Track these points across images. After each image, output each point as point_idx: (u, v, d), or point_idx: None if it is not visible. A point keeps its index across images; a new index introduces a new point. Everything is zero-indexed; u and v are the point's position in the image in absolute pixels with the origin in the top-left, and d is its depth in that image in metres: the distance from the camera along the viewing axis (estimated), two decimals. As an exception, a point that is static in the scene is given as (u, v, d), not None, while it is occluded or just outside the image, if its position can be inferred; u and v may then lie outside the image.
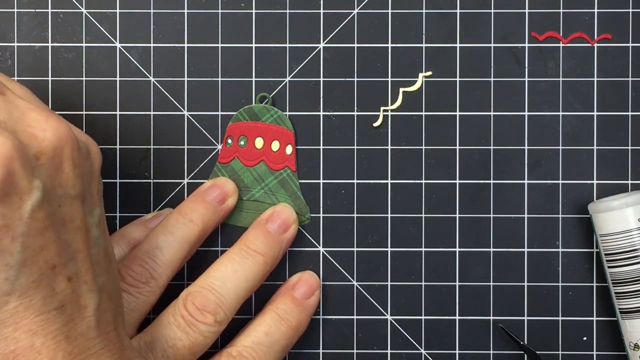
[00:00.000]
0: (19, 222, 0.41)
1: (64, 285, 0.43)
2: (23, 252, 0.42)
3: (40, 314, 0.42)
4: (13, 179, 0.41)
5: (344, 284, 0.58)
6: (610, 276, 0.56)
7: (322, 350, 0.58)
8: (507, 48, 0.58)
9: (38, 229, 0.42)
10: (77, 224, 0.44)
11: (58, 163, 0.44)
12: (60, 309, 0.43)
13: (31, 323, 0.42)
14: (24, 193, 0.42)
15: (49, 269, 0.43)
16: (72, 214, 0.44)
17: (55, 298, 0.43)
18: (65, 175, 0.44)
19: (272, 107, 0.58)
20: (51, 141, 0.43)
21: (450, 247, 0.58)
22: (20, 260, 0.42)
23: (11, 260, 0.41)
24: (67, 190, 0.44)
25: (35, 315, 0.42)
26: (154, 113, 0.58)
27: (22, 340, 0.42)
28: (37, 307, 0.42)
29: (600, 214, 0.55)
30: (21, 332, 0.42)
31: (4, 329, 0.42)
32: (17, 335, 0.42)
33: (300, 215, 0.58)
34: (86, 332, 0.44)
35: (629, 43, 0.58)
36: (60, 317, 0.43)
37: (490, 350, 0.58)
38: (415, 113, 0.58)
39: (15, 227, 0.41)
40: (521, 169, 0.58)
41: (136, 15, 0.58)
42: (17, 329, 0.42)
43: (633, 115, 0.58)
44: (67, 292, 0.44)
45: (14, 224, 0.41)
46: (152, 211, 0.58)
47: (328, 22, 0.58)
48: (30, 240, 0.42)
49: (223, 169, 0.58)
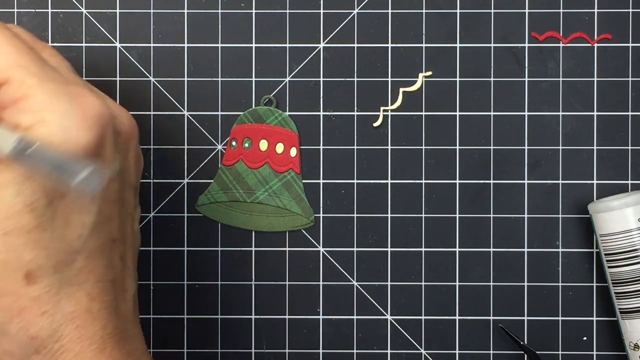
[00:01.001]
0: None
1: (117, 261, 0.44)
2: (97, 216, 0.42)
3: (100, 281, 0.43)
4: (104, 142, 0.42)
5: (344, 284, 0.58)
6: (610, 276, 0.56)
7: (322, 350, 0.58)
8: (507, 48, 0.58)
9: (111, 198, 0.43)
10: (130, 212, 0.46)
11: (128, 149, 0.45)
12: (113, 283, 0.44)
13: (91, 287, 0.42)
14: (108, 160, 0.43)
15: (111, 240, 0.44)
16: (129, 200, 0.46)
17: (112, 271, 0.44)
18: (130, 161, 0.46)
19: (276, 110, 0.58)
20: (127, 126, 0.45)
21: (450, 247, 0.58)
22: (93, 222, 0.42)
23: (87, 219, 0.42)
24: (129, 176, 0.46)
25: (96, 281, 0.43)
26: (154, 113, 0.58)
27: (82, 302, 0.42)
28: (97, 273, 0.43)
29: (600, 214, 0.55)
30: (82, 293, 0.42)
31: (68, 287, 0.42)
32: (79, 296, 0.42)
33: (304, 217, 0.58)
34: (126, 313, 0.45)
35: (629, 43, 0.58)
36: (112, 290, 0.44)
37: (490, 350, 0.58)
38: (415, 113, 0.58)
39: None
40: (521, 169, 0.58)
41: (136, 15, 0.58)
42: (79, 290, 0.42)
43: (633, 115, 0.58)
44: (118, 270, 0.44)
45: None
46: (152, 211, 0.58)
47: (328, 22, 0.58)
48: (104, 206, 0.43)
49: (227, 171, 0.58)
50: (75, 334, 0.42)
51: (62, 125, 0.41)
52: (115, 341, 0.43)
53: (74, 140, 0.41)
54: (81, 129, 0.41)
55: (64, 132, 0.41)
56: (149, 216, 0.58)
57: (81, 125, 0.41)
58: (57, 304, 0.42)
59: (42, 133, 0.41)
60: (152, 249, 0.58)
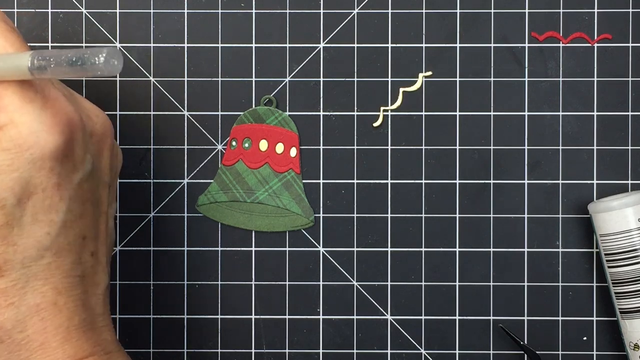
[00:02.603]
0: (69, 186, 0.44)
1: (87, 257, 0.46)
2: (66, 214, 0.44)
3: (67, 276, 0.45)
4: (74, 145, 0.44)
5: (344, 284, 0.58)
6: (610, 276, 0.56)
7: (322, 350, 0.58)
8: (507, 48, 0.58)
9: (81, 198, 0.45)
10: (103, 209, 0.47)
11: (101, 149, 0.47)
12: (82, 278, 0.46)
13: (58, 282, 0.44)
14: (78, 162, 0.45)
15: (80, 237, 0.45)
16: (102, 198, 0.47)
17: (80, 266, 0.45)
18: (104, 161, 0.47)
19: (276, 110, 0.58)
20: (101, 126, 0.47)
21: (450, 247, 0.58)
22: (62, 220, 0.44)
23: (55, 217, 0.44)
24: (103, 175, 0.47)
25: (62, 276, 0.44)
26: (154, 113, 0.58)
27: (47, 295, 0.44)
28: (65, 269, 0.45)
29: (600, 214, 0.55)
30: (49, 287, 0.44)
31: (35, 281, 0.44)
32: (45, 290, 0.44)
33: (304, 217, 0.58)
34: (95, 306, 0.46)
35: (629, 43, 0.58)
36: (81, 284, 0.45)
37: (490, 350, 0.58)
38: (415, 113, 0.58)
39: (65, 189, 0.44)
40: (521, 169, 0.58)
41: (136, 15, 0.58)
42: (46, 284, 0.44)
43: (633, 115, 0.58)
44: (88, 265, 0.46)
45: (65, 186, 0.44)
46: (152, 211, 0.58)
47: (328, 22, 0.58)
48: (74, 205, 0.44)
49: (227, 171, 0.58)
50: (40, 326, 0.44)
51: (32, 128, 0.43)
52: (82, 332, 0.45)
53: (42, 143, 0.43)
54: (50, 133, 0.43)
55: (33, 135, 0.43)
56: (149, 216, 0.58)
57: (50, 130, 0.43)
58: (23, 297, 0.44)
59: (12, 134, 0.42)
60: (152, 249, 0.58)
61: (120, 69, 0.41)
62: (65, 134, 0.43)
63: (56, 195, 0.44)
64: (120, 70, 0.41)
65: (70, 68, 0.41)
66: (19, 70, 0.42)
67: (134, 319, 0.58)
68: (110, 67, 0.40)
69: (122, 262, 0.58)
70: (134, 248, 0.58)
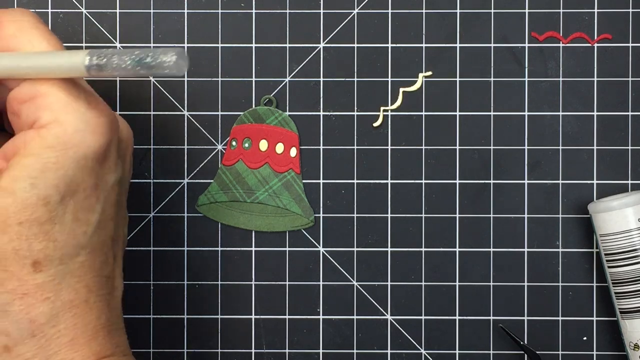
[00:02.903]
0: (105, 187, 0.45)
1: (112, 259, 0.47)
2: (101, 215, 0.45)
3: (97, 275, 0.46)
4: (111, 148, 0.45)
5: (344, 284, 0.58)
6: (610, 276, 0.56)
7: (322, 350, 0.58)
8: (507, 48, 0.58)
9: (113, 201, 0.46)
10: (123, 214, 0.49)
11: (125, 156, 0.48)
12: (107, 278, 0.46)
13: (89, 280, 0.45)
14: (113, 164, 0.45)
15: (109, 239, 0.46)
16: (124, 204, 0.48)
17: (107, 267, 0.46)
18: (127, 167, 0.48)
19: (276, 110, 0.58)
20: (126, 134, 0.48)
21: (450, 247, 0.58)
22: (98, 221, 0.45)
23: (92, 217, 0.45)
24: (126, 183, 0.48)
25: (94, 275, 0.45)
26: (154, 113, 0.58)
27: (81, 293, 0.45)
28: (96, 268, 0.45)
29: (600, 214, 0.55)
30: (82, 285, 0.45)
31: (70, 278, 0.44)
32: (78, 287, 0.45)
33: (304, 217, 0.58)
34: (116, 307, 0.47)
35: (629, 43, 0.58)
36: (107, 285, 0.46)
37: (490, 350, 0.58)
38: (415, 113, 0.58)
39: (102, 190, 0.45)
40: (521, 169, 0.58)
41: (136, 15, 0.58)
42: (80, 282, 0.45)
43: (633, 115, 0.58)
44: (112, 267, 0.47)
45: (102, 187, 0.45)
46: (152, 211, 0.58)
47: (328, 22, 0.58)
48: (107, 207, 0.45)
49: (227, 171, 0.58)
50: (72, 321, 0.45)
51: (77, 127, 0.43)
52: (107, 332, 0.46)
53: (87, 143, 0.43)
54: (94, 134, 0.44)
55: (78, 134, 0.43)
56: (149, 216, 0.58)
57: (94, 130, 0.44)
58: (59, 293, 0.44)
59: (57, 132, 0.43)
60: (152, 249, 0.58)
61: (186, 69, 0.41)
62: (106, 135, 0.44)
63: (94, 195, 0.44)
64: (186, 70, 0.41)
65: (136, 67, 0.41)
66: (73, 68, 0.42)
67: (134, 319, 0.58)
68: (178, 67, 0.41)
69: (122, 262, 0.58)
70: (134, 248, 0.58)
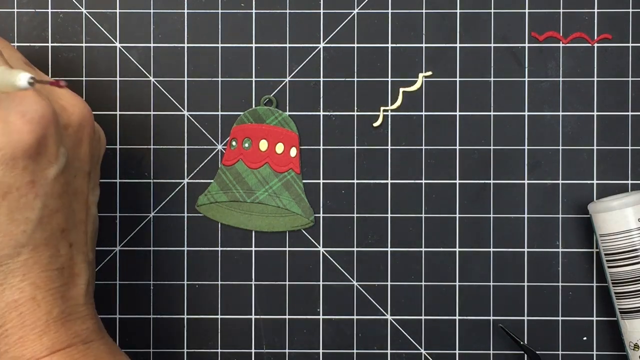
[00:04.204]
0: (43, 182, 0.45)
1: (66, 249, 0.46)
2: (42, 210, 0.45)
3: (45, 270, 0.45)
4: (47, 141, 0.44)
5: (344, 284, 0.58)
6: (610, 276, 0.56)
7: (322, 350, 0.58)
8: (507, 48, 0.58)
9: (57, 192, 0.45)
10: (83, 198, 0.48)
11: (79, 138, 0.47)
12: (61, 270, 0.46)
13: (36, 277, 0.45)
14: (52, 157, 0.45)
15: (58, 231, 0.46)
16: (82, 188, 0.48)
17: (59, 260, 0.46)
18: (83, 150, 0.47)
19: (276, 110, 0.58)
20: (78, 116, 0.47)
21: (450, 247, 0.58)
22: (38, 217, 0.45)
23: (31, 215, 0.44)
24: (82, 165, 0.48)
25: (40, 271, 0.45)
26: (154, 113, 0.58)
27: (26, 291, 0.45)
28: (43, 264, 0.45)
29: (600, 214, 0.55)
30: (27, 283, 0.45)
31: (12, 278, 0.45)
32: (23, 286, 0.45)
33: (304, 217, 0.58)
34: (76, 297, 0.47)
35: (629, 43, 0.58)
36: (60, 277, 0.46)
37: (490, 350, 0.58)
38: (415, 113, 0.58)
39: (40, 186, 0.44)
40: (521, 169, 0.58)
41: (136, 15, 0.58)
42: (24, 280, 0.45)
43: (633, 115, 0.58)
44: (67, 257, 0.46)
45: (40, 182, 0.44)
46: (152, 211, 0.58)
47: (328, 22, 0.58)
48: (49, 201, 0.45)
49: (227, 171, 0.58)
50: (18, 321, 0.45)
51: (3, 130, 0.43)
52: (61, 324, 0.46)
53: (13, 143, 0.43)
54: (21, 133, 0.44)
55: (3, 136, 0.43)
56: (149, 216, 0.58)
57: (21, 129, 0.44)
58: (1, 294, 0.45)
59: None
60: (152, 249, 0.58)
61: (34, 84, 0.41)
62: (36, 132, 0.44)
63: (31, 193, 0.44)
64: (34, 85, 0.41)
65: None
66: None
67: (134, 319, 0.58)
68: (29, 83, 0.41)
69: (122, 262, 0.58)
70: (134, 248, 0.58)
